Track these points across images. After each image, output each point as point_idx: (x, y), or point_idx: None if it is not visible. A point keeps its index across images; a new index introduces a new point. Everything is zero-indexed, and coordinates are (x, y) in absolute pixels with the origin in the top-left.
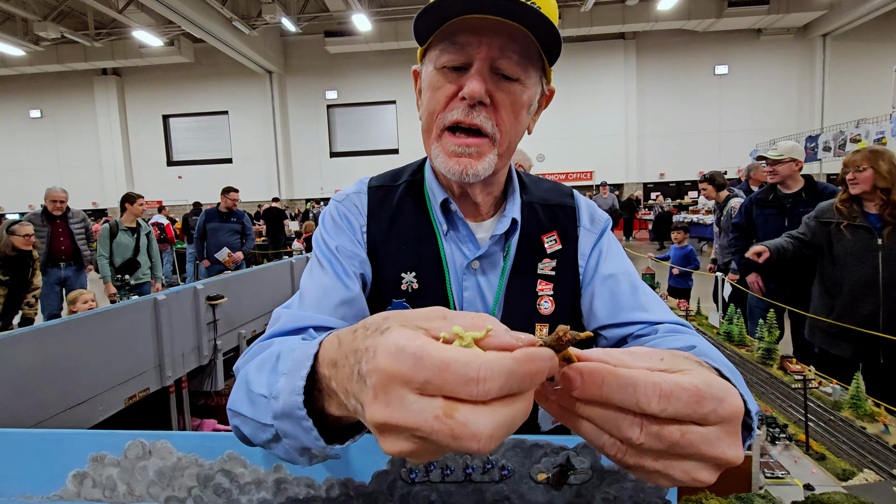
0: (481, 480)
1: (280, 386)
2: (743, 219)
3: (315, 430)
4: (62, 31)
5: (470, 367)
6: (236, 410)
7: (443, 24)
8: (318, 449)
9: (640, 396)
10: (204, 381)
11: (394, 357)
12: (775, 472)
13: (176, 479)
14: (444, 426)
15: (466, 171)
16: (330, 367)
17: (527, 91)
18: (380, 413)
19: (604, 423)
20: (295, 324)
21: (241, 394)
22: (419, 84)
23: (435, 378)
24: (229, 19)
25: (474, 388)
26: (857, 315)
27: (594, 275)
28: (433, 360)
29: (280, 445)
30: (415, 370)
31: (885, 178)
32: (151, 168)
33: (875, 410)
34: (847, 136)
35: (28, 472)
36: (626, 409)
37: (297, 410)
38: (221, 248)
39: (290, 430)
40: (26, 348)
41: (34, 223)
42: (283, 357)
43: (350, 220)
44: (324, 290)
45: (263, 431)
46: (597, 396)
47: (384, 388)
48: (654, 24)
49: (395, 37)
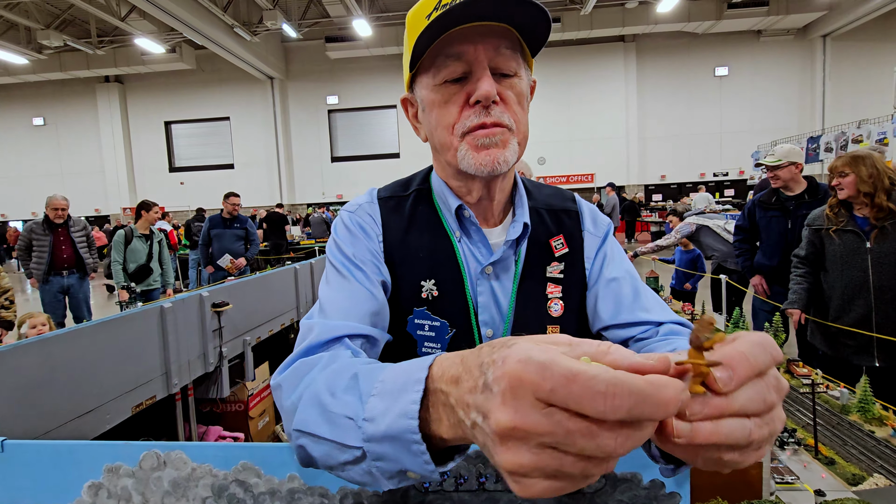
0: (494, 489)
1: (378, 408)
2: (746, 221)
3: (427, 454)
4: (65, 39)
5: (598, 380)
6: (308, 431)
7: (435, 41)
8: (425, 472)
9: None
10: (209, 388)
11: (523, 364)
12: (785, 478)
13: (190, 490)
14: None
15: (497, 160)
16: (450, 383)
17: (523, 82)
18: (506, 417)
19: (765, 425)
20: (329, 334)
21: (315, 414)
22: (412, 110)
23: (562, 388)
24: (231, 26)
25: (601, 403)
26: (850, 318)
27: (598, 278)
28: (561, 369)
29: (359, 468)
30: (542, 378)
31: (867, 182)
32: (154, 174)
33: (883, 414)
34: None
35: (43, 483)
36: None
37: (408, 434)
38: (224, 255)
39: (390, 453)
40: (34, 358)
41: (35, 231)
42: (363, 377)
43: (366, 229)
44: (348, 299)
45: (343, 453)
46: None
47: (513, 393)
48: (653, 27)
49: (396, 41)
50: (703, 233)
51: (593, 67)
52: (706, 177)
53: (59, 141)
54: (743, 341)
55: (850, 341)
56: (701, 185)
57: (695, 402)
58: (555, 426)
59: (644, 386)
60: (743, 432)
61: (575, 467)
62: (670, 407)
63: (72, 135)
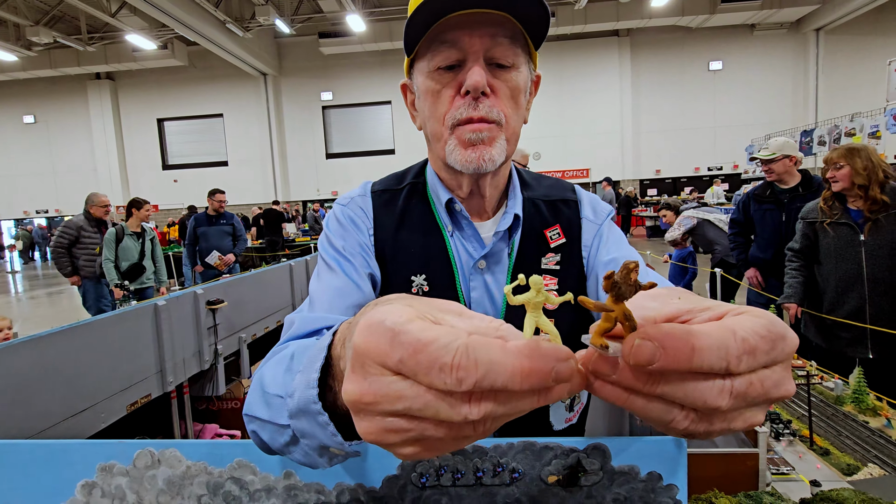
0: (492, 483)
1: (295, 383)
2: (740, 215)
3: (332, 425)
4: (55, 35)
5: (447, 349)
6: (252, 415)
7: (432, 26)
8: (336, 445)
9: (732, 358)
10: (205, 385)
11: (370, 331)
12: (780, 469)
13: (185, 488)
14: (423, 397)
15: (482, 158)
16: (340, 346)
17: (521, 76)
18: (352, 387)
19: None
20: (309, 327)
21: (257, 396)
22: (410, 97)
23: (409, 358)
24: (223, 22)
25: (446, 376)
26: (844, 310)
27: (596, 262)
28: (410, 337)
29: (298, 448)
30: (391, 346)
31: (861, 175)
32: (147, 172)
33: (877, 405)
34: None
35: (36, 483)
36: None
37: (311, 405)
38: (212, 252)
39: (307, 429)
40: (26, 357)
41: (85, 230)
42: (298, 356)
43: (357, 222)
44: (334, 291)
45: (281, 434)
46: (685, 367)
47: (360, 361)
48: (647, 21)
49: (390, 37)
50: (704, 227)
51: (587, 62)
52: (700, 171)
53: (51, 139)
54: (742, 321)
55: (844, 333)
56: (717, 179)
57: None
58: (402, 396)
59: (497, 356)
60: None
61: (438, 431)
62: (536, 378)
63: (63, 133)
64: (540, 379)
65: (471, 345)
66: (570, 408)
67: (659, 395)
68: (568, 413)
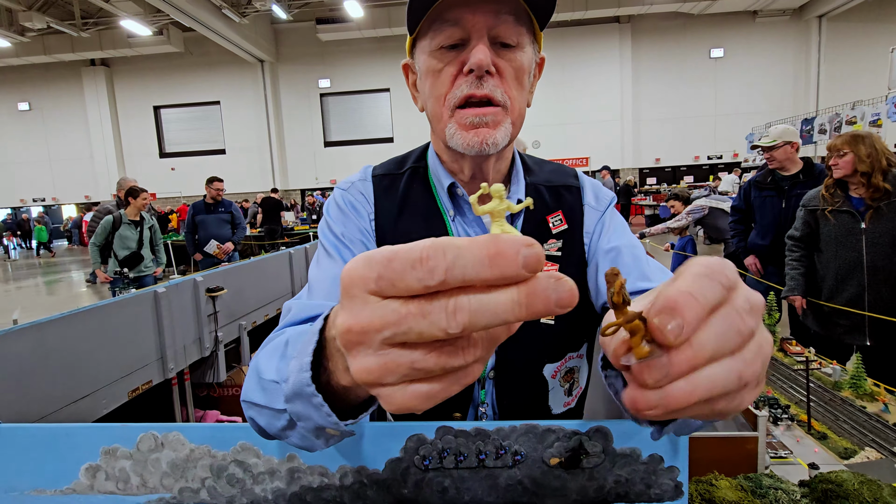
0: (494, 466)
1: (290, 368)
2: (742, 202)
3: (326, 406)
4: (48, 21)
5: (417, 248)
6: (250, 401)
7: (434, 3)
8: (331, 426)
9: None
10: (206, 372)
11: (352, 264)
12: (778, 452)
13: (189, 471)
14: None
15: (486, 142)
16: (332, 327)
17: (525, 56)
18: (342, 320)
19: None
20: (306, 313)
21: (253, 383)
22: (412, 78)
23: (385, 270)
24: (219, 7)
25: (418, 270)
26: (843, 298)
27: (597, 249)
28: (385, 251)
29: (295, 432)
30: (368, 267)
31: (865, 162)
32: (144, 160)
33: (874, 390)
34: (843, 118)
35: (40, 466)
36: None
37: (305, 387)
38: (210, 241)
39: (302, 411)
40: (28, 343)
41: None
42: (292, 342)
43: (357, 207)
44: (333, 278)
45: (277, 419)
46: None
47: (347, 294)
48: (649, 7)
49: (388, 23)
50: (715, 215)
51: (588, 49)
52: (700, 160)
53: (46, 126)
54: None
55: (843, 321)
56: (735, 167)
57: (651, 366)
58: (386, 315)
59: (464, 244)
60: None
61: (428, 361)
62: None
63: (58, 120)
64: (508, 262)
65: (438, 241)
66: (568, 392)
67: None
68: (567, 397)
